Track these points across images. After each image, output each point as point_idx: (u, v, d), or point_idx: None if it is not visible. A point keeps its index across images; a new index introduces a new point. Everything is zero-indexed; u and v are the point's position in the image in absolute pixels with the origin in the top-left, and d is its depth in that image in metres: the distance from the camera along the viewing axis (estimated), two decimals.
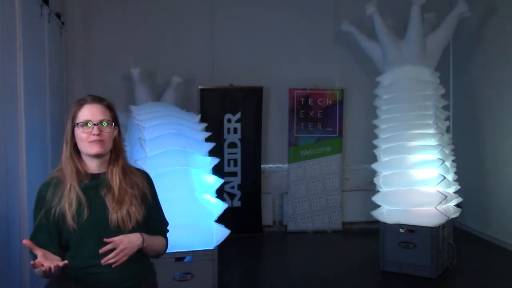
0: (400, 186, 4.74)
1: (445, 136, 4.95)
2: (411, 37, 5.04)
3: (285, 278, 4.88)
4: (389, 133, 4.96)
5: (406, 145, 4.78)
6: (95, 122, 1.86)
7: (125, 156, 2.00)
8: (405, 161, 4.73)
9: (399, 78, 5.10)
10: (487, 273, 4.91)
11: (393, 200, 4.76)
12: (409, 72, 5.06)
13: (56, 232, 1.84)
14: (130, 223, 1.87)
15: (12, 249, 3.47)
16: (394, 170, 4.81)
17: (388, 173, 4.86)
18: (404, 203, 4.69)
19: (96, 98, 1.93)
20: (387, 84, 5.20)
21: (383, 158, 4.92)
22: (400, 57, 5.11)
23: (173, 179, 3.65)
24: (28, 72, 3.85)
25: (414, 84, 5.01)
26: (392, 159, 4.84)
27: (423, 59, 5.08)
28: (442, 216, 4.57)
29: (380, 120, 5.12)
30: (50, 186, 1.87)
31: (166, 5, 6.14)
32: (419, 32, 5.03)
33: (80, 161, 1.91)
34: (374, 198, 4.91)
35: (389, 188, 4.82)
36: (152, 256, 2.04)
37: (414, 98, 4.96)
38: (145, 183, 2.00)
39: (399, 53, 5.12)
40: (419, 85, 5.00)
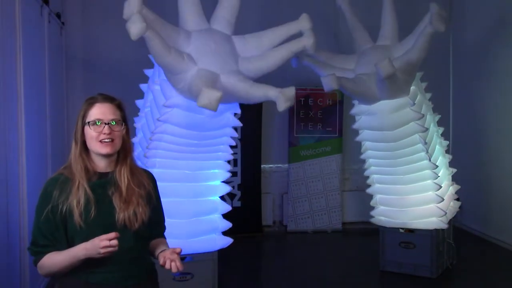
0: (397, 207, 4.74)
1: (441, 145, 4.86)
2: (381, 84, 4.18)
3: (285, 278, 4.88)
4: (380, 166, 4.75)
5: (400, 179, 4.63)
6: (106, 121, 1.87)
7: (133, 155, 2.02)
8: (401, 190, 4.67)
9: (375, 114, 4.49)
10: (487, 273, 4.91)
11: (391, 214, 4.79)
12: (385, 105, 4.40)
13: (62, 228, 1.84)
14: (137, 223, 1.88)
15: (12, 249, 3.47)
16: (390, 195, 4.78)
17: (383, 196, 4.84)
18: (403, 217, 4.71)
19: (108, 98, 1.93)
20: (364, 119, 4.65)
21: (377, 184, 4.85)
22: (373, 97, 4.36)
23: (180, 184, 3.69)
24: (28, 72, 3.86)
25: (394, 117, 4.40)
26: (386, 187, 4.79)
27: (400, 94, 4.33)
28: (442, 223, 4.57)
29: (368, 153, 4.79)
30: (57, 182, 1.87)
31: (166, 5, 6.14)
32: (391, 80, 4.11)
33: (89, 159, 1.91)
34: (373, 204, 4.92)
35: (385, 207, 4.83)
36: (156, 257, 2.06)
37: (399, 136, 4.44)
38: (150, 183, 2.02)
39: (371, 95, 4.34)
40: (400, 120, 4.39)
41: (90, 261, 1.81)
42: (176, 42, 3.29)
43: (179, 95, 3.37)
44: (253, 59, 3.47)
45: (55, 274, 1.86)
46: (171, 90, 3.40)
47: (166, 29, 3.25)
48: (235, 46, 3.50)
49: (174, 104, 3.41)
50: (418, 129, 4.35)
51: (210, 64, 3.29)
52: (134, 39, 2.86)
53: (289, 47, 3.48)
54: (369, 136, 4.69)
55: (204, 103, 2.97)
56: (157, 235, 2.08)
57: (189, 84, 3.20)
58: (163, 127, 3.48)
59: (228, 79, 3.28)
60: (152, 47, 3.01)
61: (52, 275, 1.88)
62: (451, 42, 6.73)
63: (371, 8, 5.17)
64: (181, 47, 3.30)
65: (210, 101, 2.95)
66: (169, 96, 3.41)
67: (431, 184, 4.51)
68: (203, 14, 3.53)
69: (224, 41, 3.45)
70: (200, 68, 3.25)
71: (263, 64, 3.45)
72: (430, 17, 4.00)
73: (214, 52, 3.34)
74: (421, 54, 4.15)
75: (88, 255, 1.76)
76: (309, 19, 3.54)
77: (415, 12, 4.56)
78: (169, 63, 3.13)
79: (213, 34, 3.46)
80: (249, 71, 3.44)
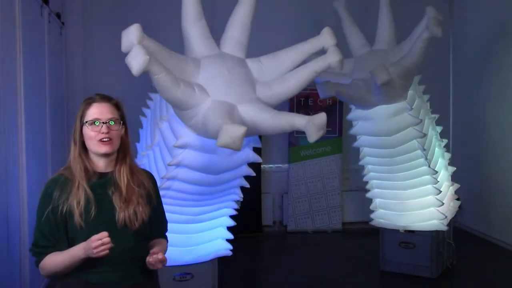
0: (397, 211, 4.74)
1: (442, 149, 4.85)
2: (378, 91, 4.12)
3: (285, 278, 4.88)
4: (379, 172, 4.73)
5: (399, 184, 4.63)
6: (104, 121, 1.88)
7: (132, 155, 2.02)
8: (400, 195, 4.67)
9: (372, 119, 4.44)
10: (487, 273, 4.91)
11: (391, 217, 4.79)
12: (382, 111, 4.34)
13: (63, 228, 1.85)
14: (137, 222, 1.89)
15: (12, 249, 3.47)
16: (389, 200, 4.78)
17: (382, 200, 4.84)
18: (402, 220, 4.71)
19: (105, 97, 1.94)
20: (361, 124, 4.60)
21: (376, 189, 4.84)
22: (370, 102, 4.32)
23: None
24: (28, 72, 3.86)
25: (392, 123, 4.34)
26: (386, 192, 4.78)
27: (397, 99, 4.26)
28: (442, 225, 4.57)
29: (366, 159, 4.75)
30: (58, 183, 1.87)
31: (166, 5, 6.14)
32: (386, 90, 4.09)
33: (89, 160, 1.92)
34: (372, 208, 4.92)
35: (385, 211, 4.83)
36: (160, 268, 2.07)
37: (397, 142, 4.39)
38: (150, 183, 2.02)
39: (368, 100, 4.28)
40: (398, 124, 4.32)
41: (90, 261, 1.81)
42: (184, 72, 2.85)
43: (191, 133, 2.96)
44: (272, 84, 3.02)
45: (57, 274, 1.87)
46: (181, 127, 2.98)
47: (171, 58, 2.81)
48: (250, 71, 3.06)
49: (185, 144, 3.00)
50: (416, 134, 4.28)
51: (225, 94, 2.84)
52: (136, 75, 2.43)
53: (312, 68, 3.00)
54: (367, 142, 4.64)
55: (225, 142, 2.49)
56: (158, 235, 2.08)
57: (203, 119, 2.78)
58: (174, 172, 3.13)
59: (247, 110, 2.84)
60: (157, 82, 2.56)
61: (54, 275, 1.89)
62: (451, 42, 6.73)
63: (368, 12, 5.15)
64: (190, 78, 2.87)
65: (233, 140, 2.48)
66: (179, 135, 2.99)
67: (431, 188, 4.50)
68: (211, 38, 3.10)
69: (238, 66, 3.02)
70: (214, 100, 2.81)
71: (284, 88, 3.00)
72: (426, 22, 3.91)
73: (228, 80, 2.89)
74: (418, 59, 4.07)
75: (86, 254, 1.77)
76: (332, 34, 3.08)
77: (412, 16, 4.53)
78: (178, 98, 2.69)
79: (225, 59, 3.01)
80: (269, 97, 3.00)
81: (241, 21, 3.12)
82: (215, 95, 2.83)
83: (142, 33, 2.52)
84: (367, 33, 4.65)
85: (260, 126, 2.86)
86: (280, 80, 3.03)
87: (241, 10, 3.12)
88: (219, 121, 2.63)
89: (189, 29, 3.03)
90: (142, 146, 3.87)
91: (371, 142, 4.61)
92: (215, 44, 3.10)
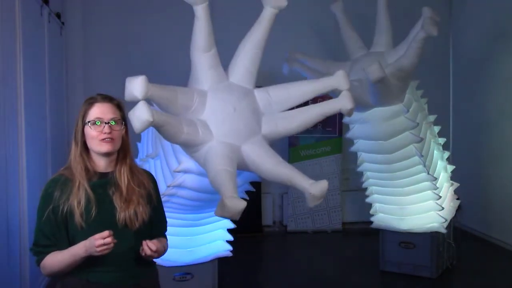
0: (397, 215, 4.75)
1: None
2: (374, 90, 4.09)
3: (285, 278, 4.88)
4: (378, 179, 4.72)
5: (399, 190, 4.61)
6: (106, 121, 1.89)
7: (132, 155, 2.03)
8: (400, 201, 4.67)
9: (368, 122, 4.41)
10: (487, 273, 4.90)
11: (391, 221, 4.80)
12: (378, 113, 4.31)
13: (63, 228, 1.86)
14: (137, 222, 1.90)
15: (12, 249, 3.47)
16: (389, 205, 4.78)
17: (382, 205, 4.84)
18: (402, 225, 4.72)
19: (107, 97, 1.95)
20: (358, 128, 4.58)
21: (375, 194, 4.83)
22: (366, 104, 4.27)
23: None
24: (28, 72, 3.86)
25: (388, 126, 4.31)
26: (385, 198, 4.78)
27: (393, 101, 4.24)
28: (442, 228, 4.58)
29: (364, 166, 4.74)
30: (58, 183, 1.88)
31: (166, 6, 6.14)
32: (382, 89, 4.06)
33: (89, 160, 1.93)
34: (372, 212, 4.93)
35: (385, 215, 4.83)
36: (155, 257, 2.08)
37: (394, 147, 4.36)
38: (150, 183, 2.04)
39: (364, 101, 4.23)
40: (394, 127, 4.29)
41: (90, 261, 1.82)
42: (189, 109, 2.73)
43: (191, 160, 2.90)
44: (278, 121, 2.91)
45: (58, 273, 1.88)
46: (183, 153, 2.93)
47: (177, 98, 2.66)
48: (257, 103, 2.93)
49: (186, 169, 2.97)
50: (413, 139, 4.23)
51: (229, 135, 2.73)
52: (137, 133, 2.33)
53: (320, 111, 2.91)
54: (364, 146, 4.61)
55: (224, 216, 2.41)
56: (158, 234, 2.08)
57: (205, 158, 2.70)
58: (174, 190, 3.14)
59: (251, 153, 2.75)
60: (163, 133, 2.50)
61: (55, 275, 1.89)
62: (451, 42, 6.73)
63: (366, 16, 5.14)
64: (195, 114, 2.75)
65: (231, 214, 2.38)
66: (180, 160, 2.97)
67: (430, 194, 4.50)
68: (220, 66, 2.94)
69: (245, 100, 2.86)
70: (218, 142, 2.70)
71: (290, 127, 2.92)
72: (422, 22, 3.88)
73: (234, 118, 2.76)
74: (414, 59, 4.01)
75: (88, 252, 1.77)
76: (347, 78, 2.97)
77: (410, 19, 4.53)
78: (181, 143, 2.66)
79: (232, 93, 2.85)
80: (273, 134, 2.91)
81: (253, 50, 2.99)
82: (219, 135, 2.73)
83: (147, 86, 2.35)
84: (364, 36, 4.64)
85: (260, 171, 2.78)
86: (286, 118, 2.94)
87: (253, 39, 3.00)
88: (219, 168, 2.55)
89: (198, 58, 2.89)
90: (143, 150, 3.86)
91: (368, 146, 4.57)
92: (223, 73, 2.96)
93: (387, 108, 4.25)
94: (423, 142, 4.34)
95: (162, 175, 3.24)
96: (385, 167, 4.53)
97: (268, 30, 2.99)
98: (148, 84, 2.35)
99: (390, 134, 4.31)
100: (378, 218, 4.86)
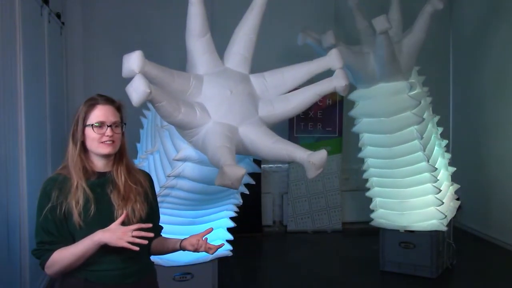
0: (397, 210, 4.75)
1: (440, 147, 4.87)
2: (380, 59, 4.28)
3: (285, 278, 4.88)
4: (378, 168, 4.77)
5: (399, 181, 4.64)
6: (109, 124, 1.90)
7: (128, 155, 2.04)
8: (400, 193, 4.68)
9: (373, 98, 4.54)
10: (487, 273, 4.91)
11: (391, 217, 4.80)
12: (383, 89, 4.45)
13: (64, 225, 1.85)
14: (135, 219, 1.90)
15: (12, 249, 3.47)
16: (389, 199, 4.79)
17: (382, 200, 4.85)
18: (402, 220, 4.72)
19: (109, 100, 1.96)
20: (362, 105, 4.69)
21: (376, 187, 4.85)
22: (372, 76, 4.44)
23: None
24: (28, 72, 3.86)
25: (391, 106, 4.45)
26: (386, 191, 4.80)
27: (398, 75, 4.39)
28: (442, 225, 4.58)
29: (366, 151, 4.79)
30: (56, 182, 1.88)
31: (166, 5, 6.14)
32: (389, 53, 4.21)
33: (88, 160, 1.94)
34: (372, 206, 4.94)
35: (385, 210, 4.84)
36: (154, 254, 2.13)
37: (395, 126, 4.45)
38: (147, 182, 2.05)
39: (370, 74, 4.43)
40: (397, 106, 4.43)
41: (89, 260, 1.82)
42: (186, 92, 2.78)
43: (190, 147, 2.93)
44: (275, 104, 2.95)
45: (66, 269, 1.83)
46: (182, 141, 2.95)
47: (174, 80, 2.73)
48: (253, 88, 2.98)
49: (185, 158, 2.97)
50: (415, 120, 4.35)
51: (226, 116, 2.77)
52: (135, 106, 2.39)
53: (316, 91, 2.94)
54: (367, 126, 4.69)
55: (224, 184, 2.43)
56: (157, 234, 2.10)
57: (203, 141, 2.73)
58: (174, 181, 3.14)
59: (248, 133, 2.78)
60: (159, 110, 2.53)
61: (63, 272, 1.85)
62: (451, 42, 6.74)
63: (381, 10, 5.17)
64: (192, 97, 2.80)
65: (231, 181, 2.41)
66: (179, 148, 2.98)
67: (430, 187, 4.51)
68: (215, 52, 3.00)
69: (242, 83, 2.92)
70: (216, 122, 2.74)
71: (287, 109, 2.95)
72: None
73: (231, 101, 2.80)
74: (421, 34, 4.32)
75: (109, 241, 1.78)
76: (340, 57, 3.02)
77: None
78: (179, 123, 2.67)
79: (229, 77, 2.91)
80: (271, 116, 2.94)
81: (247, 36, 3.04)
82: (217, 116, 2.76)
83: (143, 60, 2.44)
84: None
85: (259, 151, 2.79)
86: (283, 100, 2.97)
87: (246, 25, 3.06)
88: (218, 145, 2.59)
89: (193, 44, 2.94)
90: (142, 149, 3.87)
91: (370, 126, 4.65)
92: (219, 59, 3.00)
93: (392, 84, 4.39)
94: (424, 125, 4.46)
95: (161, 168, 3.25)
96: (386, 151, 4.58)
97: (260, 16, 3.06)
98: (145, 59, 2.43)
99: (393, 111, 4.43)
100: (378, 214, 4.85)
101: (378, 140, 4.63)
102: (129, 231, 1.78)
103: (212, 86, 2.84)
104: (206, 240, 2.05)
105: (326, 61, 3.02)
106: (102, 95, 1.98)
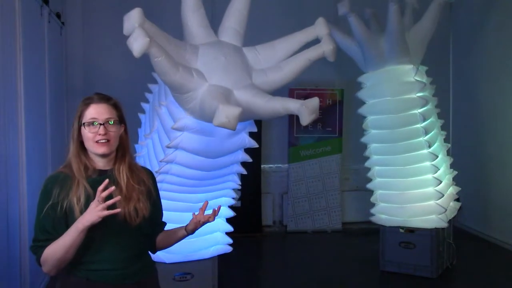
0: (397, 203, 4.76)
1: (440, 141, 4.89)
2: (390, 36, 4.43)
3: (285, 278, 4.88)
4: (380, 154, 4.79)
5: (400, 170, 4.66)
6: (101, 122, 1.87)
7: (131, 153, 2.03)
8: (401, 184, 4.70)
9: (380, 80, 4.68)
10: (487, 273, 4.91)
11: (391, 211, 4.81)
12: (390, 72, 4.60)
13: (64, 223, 1.84)
14: (137, 218, 1.89)
15: (12, 249, 3.47)
16: (390, 191, 4.80)
17: (383, 192, 4.86)
18: (403, 214, 4.72)
19: (103, 97, 1.94)
20: (369, 86, 4.79)
21: (378, 178, 4.87)
22: (380, 57, 4.57)
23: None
24: (28, 72, 3.86)
25: (397, 87, 4.58)
26: (387, 181, 4.81)
27: (405, 58, 4.53)
28: (441, 221, 4.58)
29: (369, 135, 4.85)
30: (57, 180, 1.87)
31: (166, 4, 6.14)
32: (398, 29, 4.37)
33: (88, 158, 1.92)
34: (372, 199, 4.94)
35: (385, 204, 4.84)
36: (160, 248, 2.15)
37: (399, 107, 4.57)
38: (150, 180, 2.03)
39: (379, 53, 4.57)
40: (402, 88, 4.57)
41: (90, 259, 1.83)
42: (183, 57, 2.93)
43: (188, 116, 3.05)
44: (268, 71, 3.12)
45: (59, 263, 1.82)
46: (179, 111, 3.07)
47: (171, 44, 2.88)
48: (247, 58, 3.16)
49: (183, 126, 3.07)
50: (418, 102, 4.48)
51: (221, 80, 2.94)
52: (137, 56, 2.53)
53: (306, 56, 3.09)
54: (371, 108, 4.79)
55: (221, 122, 2.59)
56: (160, 231, 2.12)
57: (201, 102, 2.87)
58: (173, 155, 3.20)
59: (243, 95, 2.94)
60: (157, 65, 2.64)
61: (57, 267, 1.83)
62: (451, 42, 6.73)
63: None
64: (188, 63, 2.95)
65: (228, 119, 2.58)
66: (177, 118, 3.08)
67: (431, 179, 4.53)
68: (209, 26, 3.19)
69: (235, 53, 3.11)
70: (212, 84, 2.90)
71: (279, 75, 3.10)
72: None
73: (225, 66, 2.99)
74: (429, 23, 4.60)
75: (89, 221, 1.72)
76: (326, 24, 3.18)
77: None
78: (177, 81, 2.78)
79: (223, 46, 3.10)
80: (264, 84, 3.09)
81: (238, 11, 3.22)
82: (213, 80, 2.93)
83: (143, 16, 2.60)
84: None
85: (255, 110, 2.95)
86: (275, 68, 3.13)
87: (239, 1, 3.24)
88: (215, 102, 2.72)
89: (188, 18, 3.12)
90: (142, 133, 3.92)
91: (374, 108, 4.74)
92: (213, 32, 3.20)
93: (399, 67, 4.56)
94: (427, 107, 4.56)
95: (159, 144, 3.33)
96: (389, 134, 4.65)
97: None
98: (144, 17, 2.60)
99: (398, 91, 4.57)
100: (378, 208, 4.86)
101: (382, 121, 4.71)
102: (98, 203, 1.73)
103: (208, 53, 3.03)
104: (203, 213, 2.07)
105: (313, 29, 3.20)
106: (99, 93, 1.96)
